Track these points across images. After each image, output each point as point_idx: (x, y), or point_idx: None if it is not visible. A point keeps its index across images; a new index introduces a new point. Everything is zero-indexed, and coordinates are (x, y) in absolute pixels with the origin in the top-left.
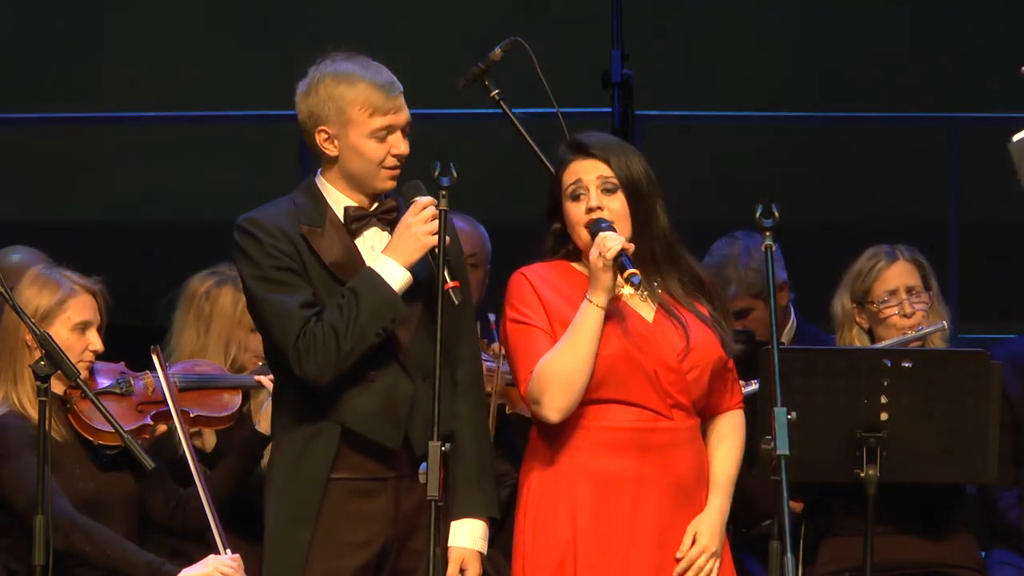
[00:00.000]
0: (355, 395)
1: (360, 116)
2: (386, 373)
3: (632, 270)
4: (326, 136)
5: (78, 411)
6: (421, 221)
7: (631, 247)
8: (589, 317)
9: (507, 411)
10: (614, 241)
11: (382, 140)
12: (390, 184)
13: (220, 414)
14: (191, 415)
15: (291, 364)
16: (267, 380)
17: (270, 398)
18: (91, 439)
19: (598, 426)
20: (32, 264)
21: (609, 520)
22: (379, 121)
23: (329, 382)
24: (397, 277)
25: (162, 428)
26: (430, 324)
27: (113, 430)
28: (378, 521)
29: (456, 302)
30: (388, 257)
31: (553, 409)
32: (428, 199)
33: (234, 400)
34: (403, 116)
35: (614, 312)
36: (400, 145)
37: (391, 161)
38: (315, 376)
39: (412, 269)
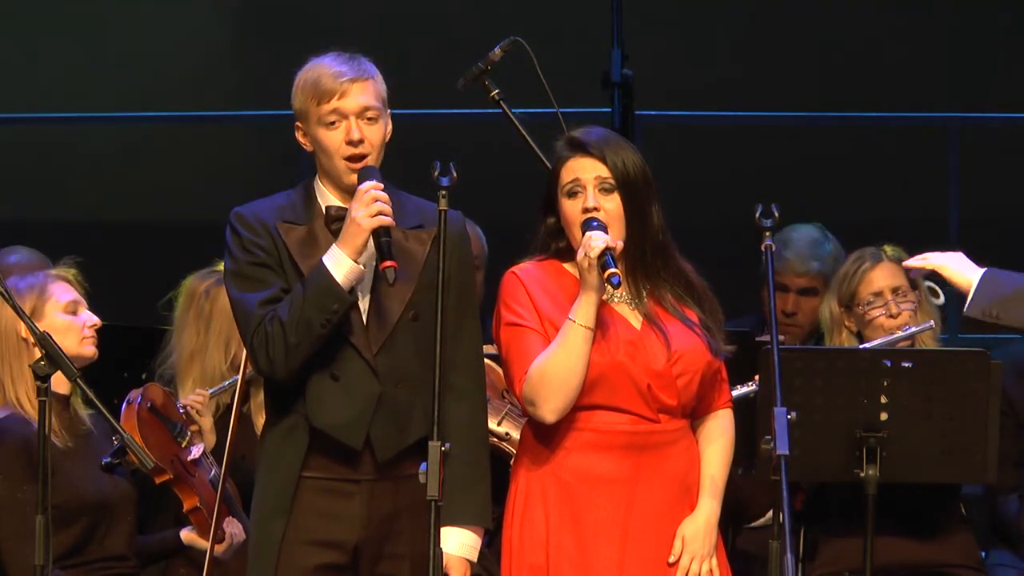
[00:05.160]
0: (319, 392)
1: (311, 106)
2: (350, 373)
3: (613, 270)
4: (302, 132)
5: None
6: (362, 206)
7: (618, 246)
8: (582, 314)
9: None
10: (599, 240)
11: (331, 127)
12: (354, 178)
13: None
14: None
15: (251, 360)
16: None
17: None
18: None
19: (589, 427)
20: (32, 265)
21: (594, 520)
22: (325, 107)
23: (283, 377)
24: (342, 266)
25: (165, 477)
26: (407, 325)
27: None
28: (350, 522)
29: (390, 282)
30: (336, 247)
31: (548, 411)
32: (368, 183)
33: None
34: (351, 102)
35: (603, 319)
36: (352, 131)
37: (346, 151)
38: (268, 372)
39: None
